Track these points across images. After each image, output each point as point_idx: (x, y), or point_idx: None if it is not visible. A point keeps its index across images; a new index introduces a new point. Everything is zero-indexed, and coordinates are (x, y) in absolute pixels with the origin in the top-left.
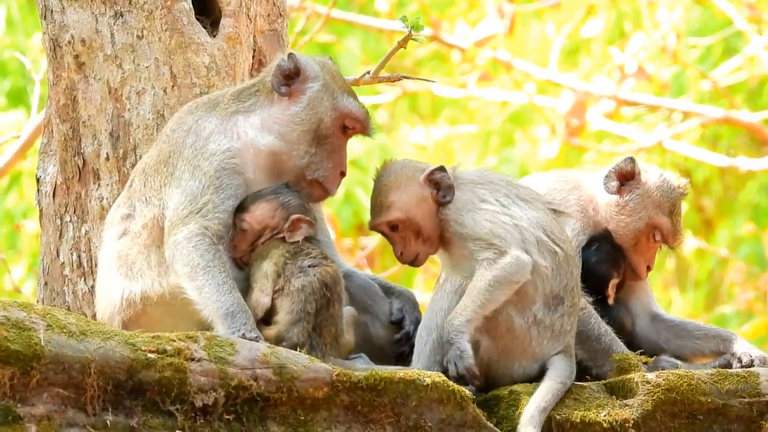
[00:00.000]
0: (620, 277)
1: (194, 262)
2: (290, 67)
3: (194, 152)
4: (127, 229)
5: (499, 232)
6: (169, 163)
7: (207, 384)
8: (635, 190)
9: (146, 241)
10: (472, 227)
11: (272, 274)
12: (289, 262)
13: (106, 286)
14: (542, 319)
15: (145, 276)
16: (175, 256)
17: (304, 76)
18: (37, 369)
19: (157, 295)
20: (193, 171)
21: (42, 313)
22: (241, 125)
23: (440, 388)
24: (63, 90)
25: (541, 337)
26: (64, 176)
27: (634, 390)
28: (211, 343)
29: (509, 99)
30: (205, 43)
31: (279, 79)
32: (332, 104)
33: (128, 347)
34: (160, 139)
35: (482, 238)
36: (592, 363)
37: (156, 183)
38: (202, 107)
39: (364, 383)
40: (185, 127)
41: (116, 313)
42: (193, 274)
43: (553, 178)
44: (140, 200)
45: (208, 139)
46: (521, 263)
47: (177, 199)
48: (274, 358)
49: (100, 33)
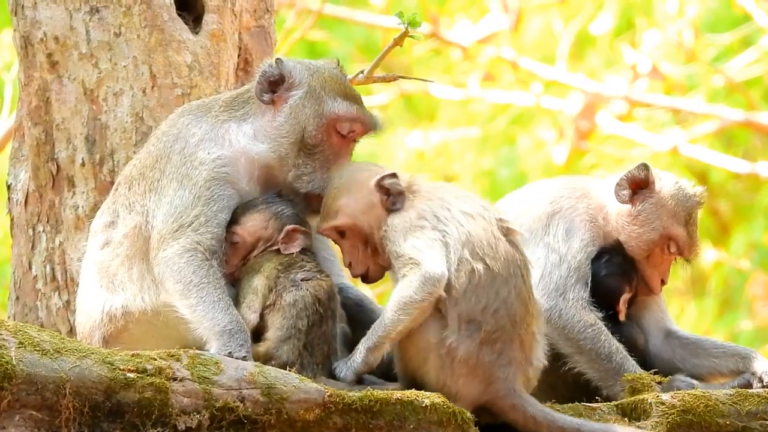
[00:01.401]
0: (632, 292)
1: (186, 279)
2: (275, 74)
3: (182, 159)
4: (110, 239)
5: (421, 246)
6: (156, 168)
7: (190, 405)
8: (649, 198)
9: (128, 251)
10: (401, 244)
11: (263, 289)
12: (282, 275)
13: (86, 299)
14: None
15: (127, 290)
16: (166, 273)
17: (288, 83)
18: (8, 390)
19: (139, 311)
20: (181, 180)
21: (13, 330)
22: (233, 133)
23: (440, 409)
24: (35, 91)
25: (455, 373)
26: (37, 183)
27: (648, 412)
28: (194, 362)
29: (513, 100)
30: (186, 40)
31: (263, 87)
32: (316, 111)
33: (106, 366)
34: (150, 142)
35: (404, 255)
36: (602, 383)
37: (140, 188)
38: (194, 111)
39: (358, 404)
40: (174, 131)
41: (96, 327)
42: (186, 292)
43: (561, 185)
44: (123, 206)
45: (197, 146)
46: (429, 278)
47: (165, 210)
48: (262, 378)
49: (74, 30)
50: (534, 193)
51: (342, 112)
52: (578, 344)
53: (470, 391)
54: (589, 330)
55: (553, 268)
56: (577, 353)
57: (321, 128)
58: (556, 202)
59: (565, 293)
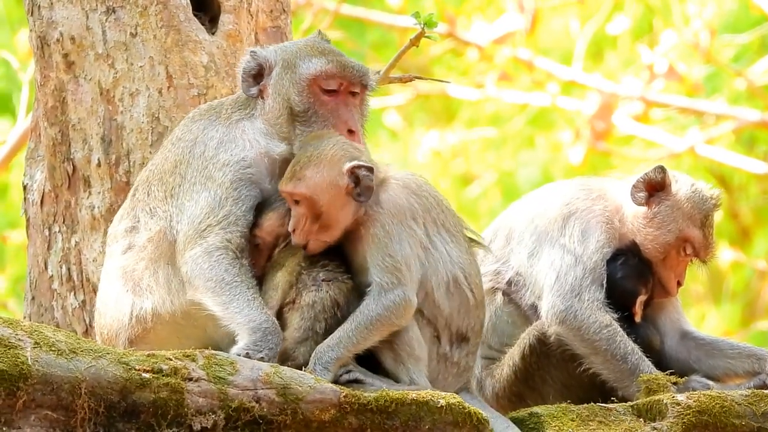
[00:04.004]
0: (648, 294)
1: (219, 276)
2: (254, 66)
3: (204, 163)
4: (132, 244)
5: (410, 263)
6: (176, 173)
7: (205, 406)
8: (665, 201)
9: (152, 255)
10: (395, 243)
11: (284, 284)
12: (304, 272)
13: (111, 301)
14: (450, 355)
15: (155, 293)
16: (195, 271)
17: (268, 68)
18: (24, 390)
19: (168, 314)
20: (205, 183)
21: (29, 330)
22: (249, 132)
23: (455, 410)
24: (51, 91)
25: (447, 372)
26: (53, 183)
27: (664, 412)
28: (210, 362)
29: (530, 101)
30: (203, 41)
31: (248, 83)
32: (292, 78)
33: (121, 366)
34: (165, 147)
35: (394, 257)
36: (618, 384)
37: (160, 193)
38: (206, 114)
39: (373, 405)
40: (191, 137)
41: (123, 329)
42: (218, 289)
43: (576, 186)
44: (144, 211)
45: (217, 149)
46: (408, 305)
47: (191, 213)
48: (278, 378)
49: (90, 30)
50: (550, 195)
51: (317, 69)
52: (594, 345)
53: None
54: (604, 331)
55: (568, 269)
56: (592, 354)
57: (304, 92)
58: (572, 203)
59: (581, 294)
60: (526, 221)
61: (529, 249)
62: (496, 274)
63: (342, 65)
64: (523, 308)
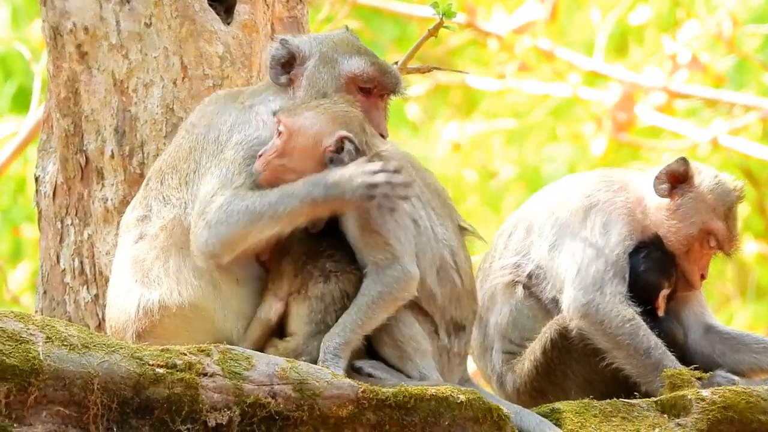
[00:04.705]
0: (671, 287)
1: (243, 206)
2: (284, 54)
3: (218, 147)
4: (144, 233)
5: (399, 235)
6: (190, 160)
7: (221, 401)
8: (688, 193)
9: (164, 243)
10: (377, 218)
11: (289, 273)
12: (309, 262)
13: (120, 293)
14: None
15: (163, 284)
16: (213, 223)
17: (300, 58)
18: (36, 385)
19: (176, 305)
20: (218, 164)
21: (41, 325)
22: (263, 114)
23: (475, 405)
24: (64, 82)
25: (451, 364)
26: (65, 175)
27: (688, 408)
28: (224, 357)
29: (551, 91)
30: (218, 31)
31: (276, 70)
32: (332, 73)
33: (135, 361)
34: (179, 134)
35: (380, 233)
36: (641, 379)
37: (174, 181)
38: (221, 100)
39: (392, 400)
40: (205, 122)
41: (131, 322)
42: (257, 215)
43: (598, 178)
44: (157, 200)
45: (230, 132)
46: (409, 277)
47: (205, 190)
48: (294, 373)
49: (104, 20)
50: (570, 186)
51: (358, 68)
52: (616, 339)
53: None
54: (627, 325)
55: (590, 262)
56: (615, 348)
57: (342, 88)
58: (593, 195)
59: (603, 288)
60: (547, 213)
61: (549, 241)
62: (516, 267)
63: (382, 69)
64: (544, 302)
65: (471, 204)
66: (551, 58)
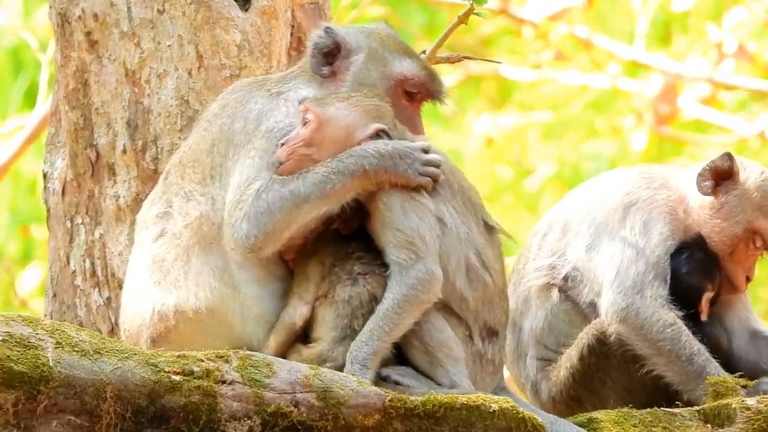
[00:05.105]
0: (715, 290)
1: (295, 192)
2: (328, 43)
3: (246, 136)
4: (165, 230)
5: (423, 234)
6: (214, 153)
7: (240, 410)
8: (732, 190)
9: (188, 242)
10: (400, 215)
11: (315, 276)
12: (337, 265)
13: (135, 295)
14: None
15: (181, 287)
16: (253, 213)
17: (345, 50)
18: (45, 393)
19: (192, 310)
20: (249, 153)
21: (50, 329)
22: (293, 101)
23: (508, 415)
24: (73, 72)
25: (484, 371)
26: (75, 171)
27: (732, 417)
28: (244, 364)
29: (588, 82)
30: (235, 18)
31: (318, 60)
32: (383, 72)
33: (149, 368)
34: (200, 126)
35: (403, 231)
36: (683, 387)
37: (197, 175)
38: (245, 87)
39: (420, 409)
40: (228, 111)
41: (145, 326)
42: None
43: (637, 174)
44: (179, 196)
45: (258, 120)
46: (432, 278)
47: (237, 180)
48: (318, 381)
49: (115, 7)
50: (609, 184)
51: (409, 71)
52: (657, 345)
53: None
54: (668, 330)
55: (629, 263)
56: (655, 355)
57: (390, 90)
58: (633, 193)
59: (643, 290)
60: (584, 212)
61: (587, 242)
62: (551, 269)
63: (432, 75)
64: (581, 306)
65: (505, 203)
66: (589, 46)
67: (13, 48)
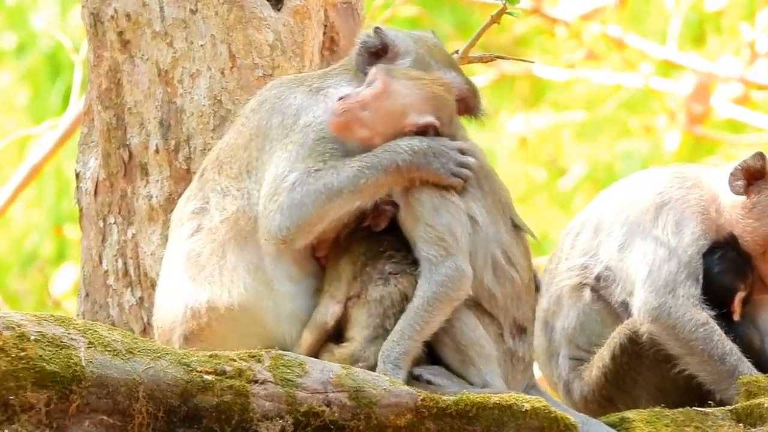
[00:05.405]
0: (747, 290)
1: (329, 185)
2: (376, 44)
3: (284, 131)
4: (201, 225)
5: (454, 231)
6: (251, 148)
7: (272, 410)
8: (765, 190)
9: (224, 237)
10: (430, 212)
11: (347, 275)
12: (369, 264)
13: (169, 291)
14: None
15: (215, 282)
16: (287, 206)
17: (392, 52)
18: (77, 393)
19: (225, 306)
20: (286, 147)
21: (83, 329)
22: (333, 97)
23: (541, 414)
24: (105, 72)
25: (515, 370)
26: (107, 171)
27: (765, 417)
28: (276, 363)
29: (621, 82)
30: (268, 17)
31: (364, 58)
32: None
33: (182, 368)
34: (237, 122)
35: (434, 227)
36: (715, 386)
37: (233, 171)
38: (285, 83)
39: (453, 409)
40: (267, 107)
41: (178, 323)
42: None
43: (670, 174)
44: (215, 191)
45: (297, 115)
46: (462, 275)
47: (273, 173)
48: (350, 381)
49: (147, 6)
50: (641, 183)
51: (455, 84)
52: (689, 345)
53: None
54: (700, 329)
55: (662, 263)
56: (687, 354)
57: None
58: (665, 192)
59: (675, 290)
60: (616, 211)
61: (619, 241)
62: (583, 269)
63: (474, 91)
64: (613, 305)
65: (538, 203)
66: (622, 46)
67: (50, 51)
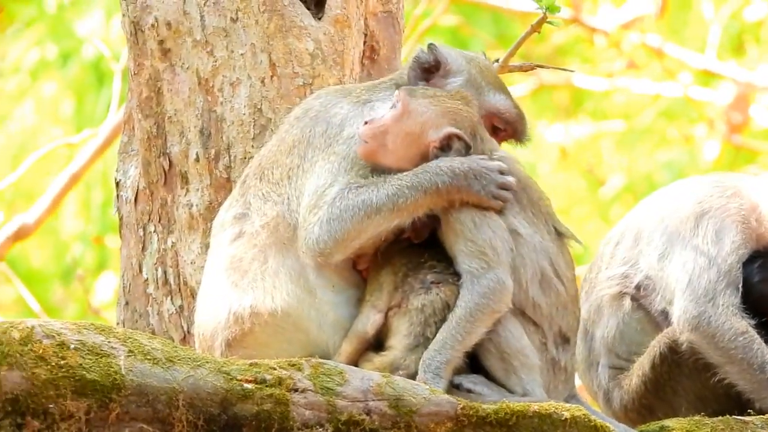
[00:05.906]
0: None
1: (368, 202)
2: (430, 60)
3: (327, 141)
4: (243, 231)
5: (495, 245)
6: (294, 155)
7: (312, 418)
8: None
9: (265, 241)
10: (470, 228)
11: (388, 285)
12: (411, 274)
13: (211, 296)
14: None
15: (257, 288)
16: (326, 220)
17: (445, 69)
18: (117, 401)
19: (268, 312)
20: (328, 157)
21: (123, 338)
22: (379, 110)
23: (581, 423)
24: (146, 81)
25: (557, 379)
26: (148, 180)
27: None
28: (317, 372)
29: (661, 91)
30: (308, 26)
31: (417, 73)
32: (478, 99)
33: (222, 376)
34: (282, 128)
35: (475, 242)
36: (755, 395)
37: (275, 177)
38: (332, 93)
39: (493, 418)
40: (312, 114)
41: (221, 329)
42: (375, 209)
43: (710, 183)
44: (257, 197)
45: (341, 125)
46: (503, 288)
47: (314, 184)
48: (390, 389)
49: (188, 15)
50: (681, 192)
51: (503, 107)
52: (729, 353)
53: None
54: (740, 338)
55: (701, 271)
56: (727, 363)
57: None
58: (705, 201)
59: (715, 299)
60: (656, 221)
61: (659, 250)
62: (624, 278)
63: (521, 116)
64: (653, 314)
65: (579, 214)
66: (661, 55)
67: (95, 60)
